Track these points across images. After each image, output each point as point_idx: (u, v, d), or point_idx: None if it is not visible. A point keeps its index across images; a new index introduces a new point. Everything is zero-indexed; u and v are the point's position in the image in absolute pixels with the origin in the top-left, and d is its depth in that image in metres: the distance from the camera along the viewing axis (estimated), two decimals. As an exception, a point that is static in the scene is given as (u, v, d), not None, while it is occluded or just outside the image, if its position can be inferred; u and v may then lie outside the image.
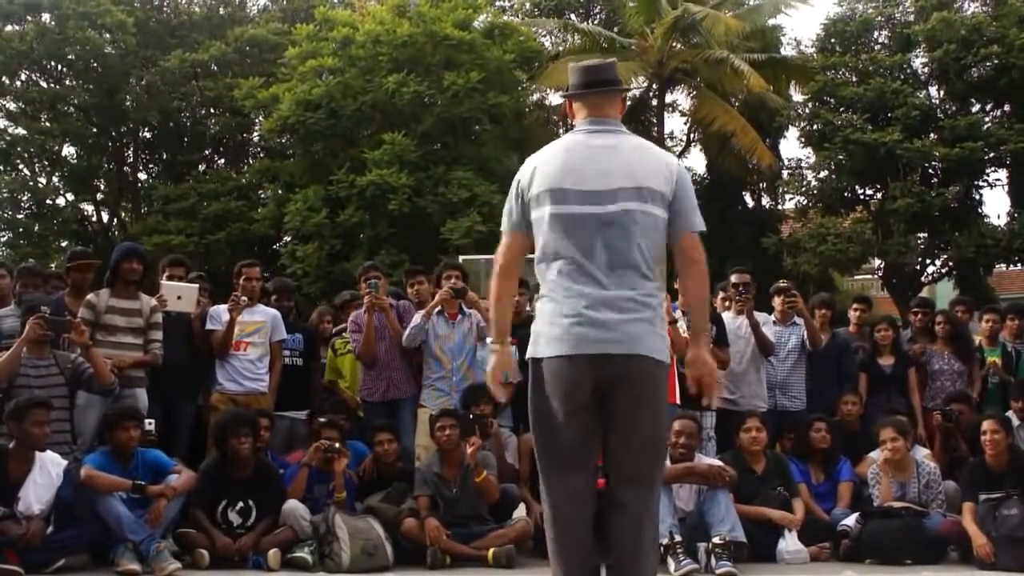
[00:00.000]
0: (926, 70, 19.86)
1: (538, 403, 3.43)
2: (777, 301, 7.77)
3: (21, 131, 22.28)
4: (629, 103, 22.50)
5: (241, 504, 6.13)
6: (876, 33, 20.51)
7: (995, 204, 77.04)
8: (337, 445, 6.35)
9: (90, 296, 6.60)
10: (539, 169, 3.44)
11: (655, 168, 3.40)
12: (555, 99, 22.13)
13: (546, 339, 3.38)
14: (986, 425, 6.42)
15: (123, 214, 23.79)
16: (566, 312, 3.32)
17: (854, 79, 19.54)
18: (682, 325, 6.78)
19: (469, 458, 6.22)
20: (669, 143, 23.24)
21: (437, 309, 7.07)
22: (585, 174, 3.35)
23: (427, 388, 7.10)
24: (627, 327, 3.30)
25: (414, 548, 6.04)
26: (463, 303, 7.19)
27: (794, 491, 6.57)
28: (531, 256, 3.54)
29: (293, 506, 6.16)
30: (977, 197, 19.76)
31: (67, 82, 22.17)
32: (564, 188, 3.36)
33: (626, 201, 3.32)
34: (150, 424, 6.42)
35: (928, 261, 20.27)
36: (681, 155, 24.35)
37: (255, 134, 22.33)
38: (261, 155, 22.77)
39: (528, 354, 3.47)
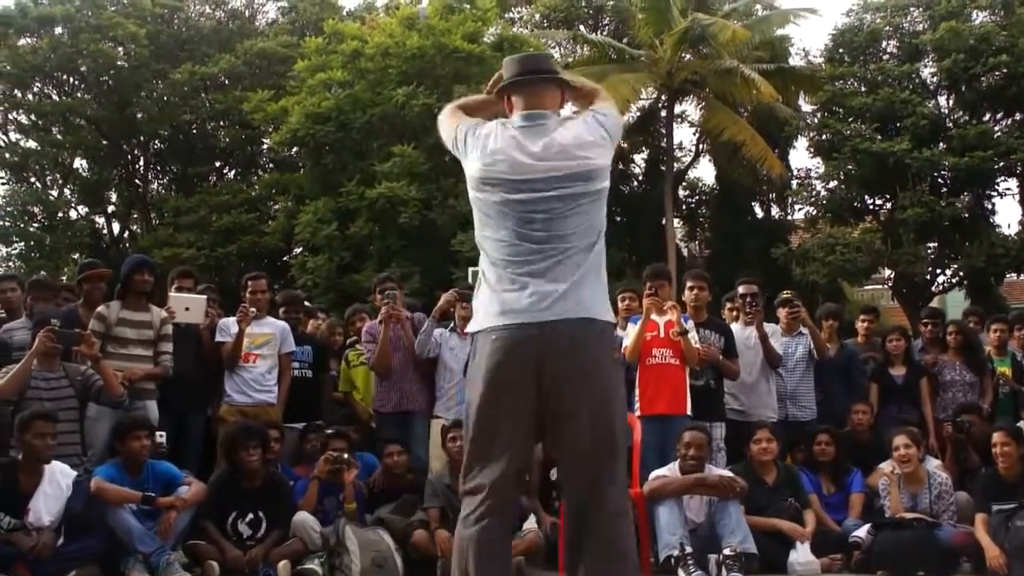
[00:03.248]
0: (935, 79, 19.84)
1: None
2: (781, 312, 7.77)
3: (33, 143, 22.42)
4: (638, 114, 22.84)
5: (251, 516, 6.13)
6: (884, 43, 20.51)
7: (1006, 214, 76.72)
8: (346, 456, 6.35)
9: (100, 308, 6.63)
10: (475, 148, 3.35)
11: (590, 140, 3.34)
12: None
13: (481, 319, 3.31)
14: (997, 437, 6.38)
15: (134, 226, 23.89)
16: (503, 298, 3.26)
17: (863, 89, 19.53)
18: (693, 336, 6.79)
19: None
20: (678, 153, 23.25)
21: (450, 326, 7.15)
22: (518, 164, 3.28)
23: (441, 399, 7.16)
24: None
25: (424, 560, 6.04)
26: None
27: (805, 502, 6.55)
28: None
29: (303, 518, 6.16)
30: (988, 206, 19.73)
31: (79, 95, 22.31)
32: (497, 176, 3.30)
33: (562, 186, 3.27)
34: (161, 437, 6.44)
35: (938, 271, 20.21)
36: (690, 165, 24.38)
37: (265, 146, 22.40)
38: (271, 168, 22.85)
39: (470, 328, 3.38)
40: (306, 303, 9.21)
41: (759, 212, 23.74)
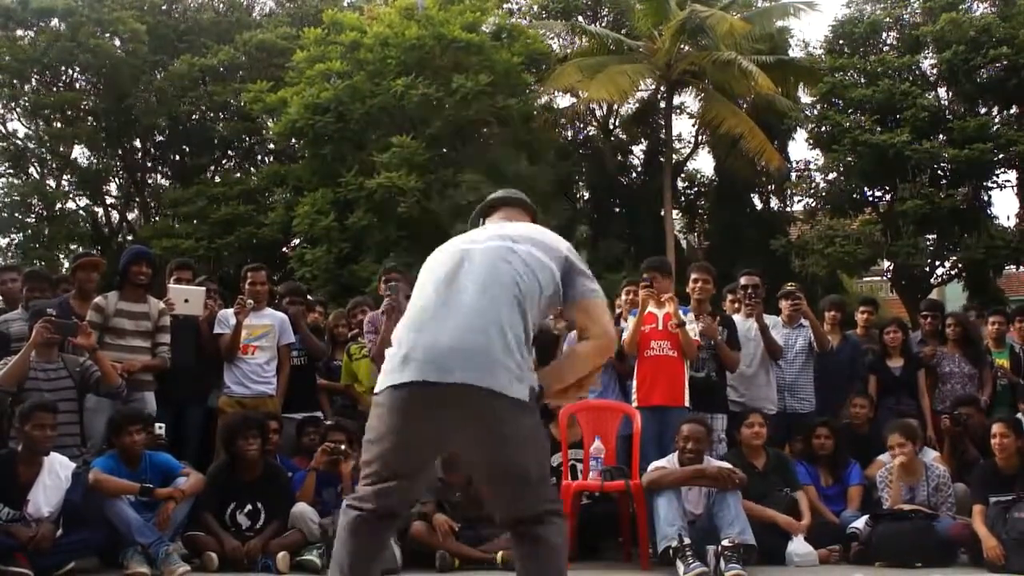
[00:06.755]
0: (935, 71, 19.79)
1: None
2: (783, 304, 7.79)
3: (31, 134, 22.41)
4: (637, 105, 22.79)
5: (250, 507, 6.14)
6: (884, 34, 20.45)
7: (1004, 206, 76.72)
8: (343, 447, 6.36)
9: (98, 299, 6.64)
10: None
11: (545, 232, 3.44)
12: (563, 101, 22.16)
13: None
14: (995, 428, 6.41)
15: (131, 216, 23.88)
16: None
17: (862, 81, 19.48)
18: (693, 328, 6.80)
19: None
20: (677, 144, 23.23)
21: None
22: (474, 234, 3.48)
23: None
24: None
25: (422, 551, 6.05)
26: None
27: (796, 486, 6.58)
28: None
29: (302, 509, 6.17)
30: (986, 198, 19.72)
31: (78, 86, 22.28)
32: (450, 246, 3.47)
33: (501, 239, 3.36)
34: (160, 428, 6.44)
35: (937, 263, 20.20)
36: (689, 157, 24.35)
37: (264, 138, 22.36)
38: (270, 159, 22.82)
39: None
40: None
41: (758, 204, 23.71)
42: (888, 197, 19.79)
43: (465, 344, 3.08)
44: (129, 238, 22.33)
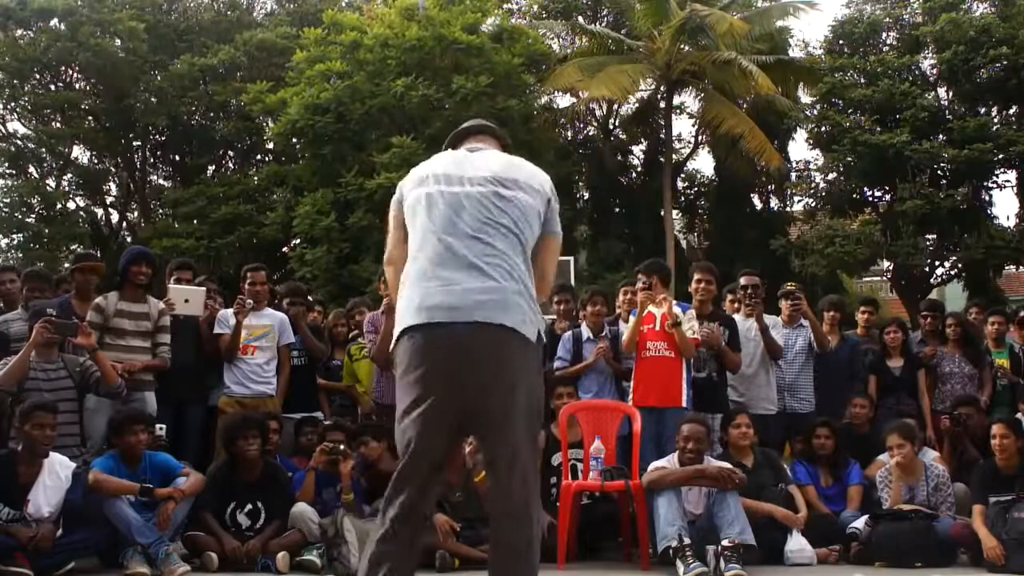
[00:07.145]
0: (934, 71, 19.82)
1: None
2: (783, 304, 7.79)
3: (31, 133, 22.41)
4: (637, 105, 22.82)
5: (250, 506, 6.15)
6: (884, 35, 20.48)
7: (1004, 206, 76.78)
8: (342, 447, 6.36)
9: (98, 299, 6.64)
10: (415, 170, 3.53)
11: (529, 173, 3.48)
12: (563, 102, 22.17)
13: None
14: (995, 429, 6.41)
15: (131, 216, 23.88)
16: None
17: (862, 81, 19.51)
18: (693, 325, 6.80)
19: (468, 457, 6.21)
20: (677, 145, 23.23)
21: None
22: (457, 160, 3.47)
23: None
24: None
25: (422, 550, 6.04)
26: None
27: (787, 480, 6.59)
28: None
29: (302, 509, 6.17)
30: (986, 198, 19.74)
31: (77, 86, 22.29)
32: (435, 173, 3.43)
33: (496, 183, 3.37)
34: (161, 429, 6.45)
35: (937, 263, 20.21)
36: (689, 157, 24.38)
37: (264, 138, 22.36)
38: (270, 159, 22.82)
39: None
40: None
41: (758, 204, 23.74)
42: (888, 197, 19.81)
43: (477, 284, 3.17)
44: (129, 238, 22.36)
